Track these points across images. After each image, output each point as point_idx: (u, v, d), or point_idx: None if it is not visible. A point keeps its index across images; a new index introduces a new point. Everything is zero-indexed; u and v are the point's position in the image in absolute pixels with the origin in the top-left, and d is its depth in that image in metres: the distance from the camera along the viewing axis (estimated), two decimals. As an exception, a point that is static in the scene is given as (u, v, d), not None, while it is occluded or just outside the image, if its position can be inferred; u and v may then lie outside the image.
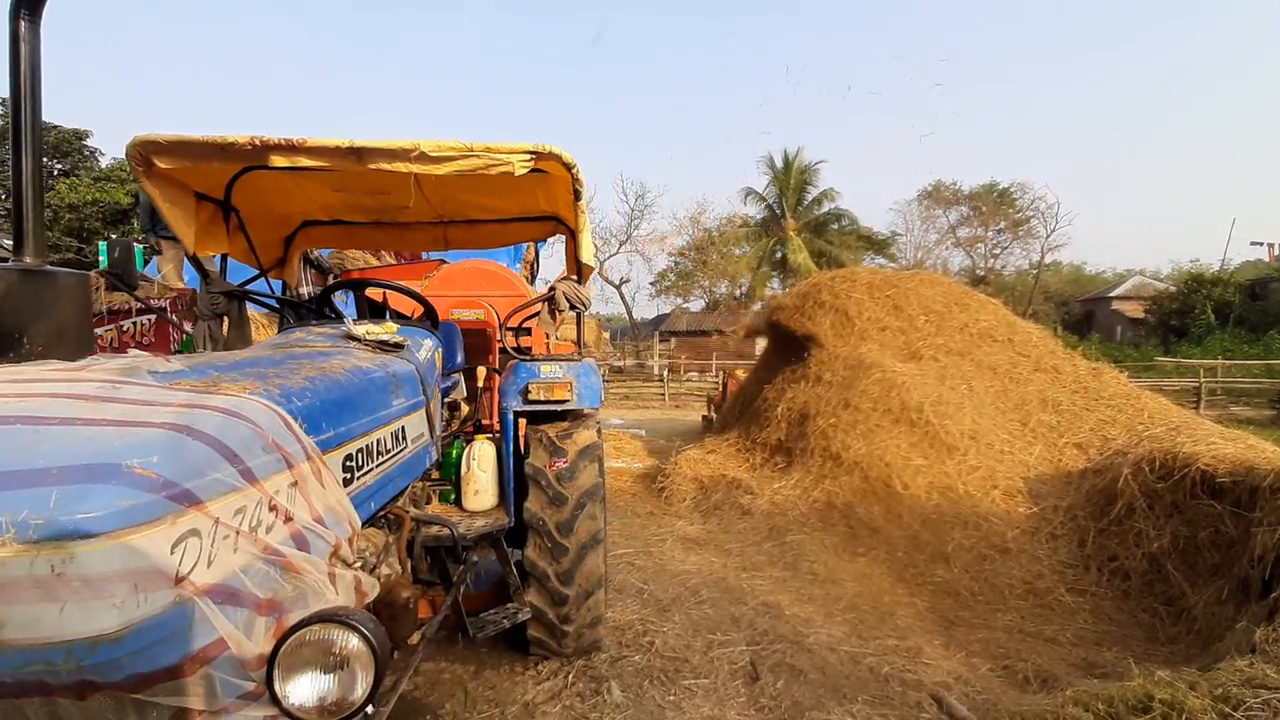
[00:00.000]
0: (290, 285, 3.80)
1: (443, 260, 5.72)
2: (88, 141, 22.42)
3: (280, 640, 1.11)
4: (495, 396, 3.61)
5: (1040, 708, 2.77)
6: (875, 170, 79.70)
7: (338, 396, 1.61)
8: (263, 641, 1.11)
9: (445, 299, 4.54)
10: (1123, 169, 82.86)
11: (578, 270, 3.22)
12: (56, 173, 22.00)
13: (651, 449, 9.59)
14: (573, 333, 3.76)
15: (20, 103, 2.12)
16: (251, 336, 3.18)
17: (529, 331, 4.37)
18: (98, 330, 5.70)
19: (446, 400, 3.29)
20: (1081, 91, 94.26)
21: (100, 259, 6.81)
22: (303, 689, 1.13)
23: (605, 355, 30.48)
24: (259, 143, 2.29)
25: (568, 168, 2.61)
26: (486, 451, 2.98)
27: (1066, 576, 4.50)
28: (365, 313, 2.93)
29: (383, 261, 6.26)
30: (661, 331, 33.13)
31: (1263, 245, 28.14)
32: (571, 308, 3.22)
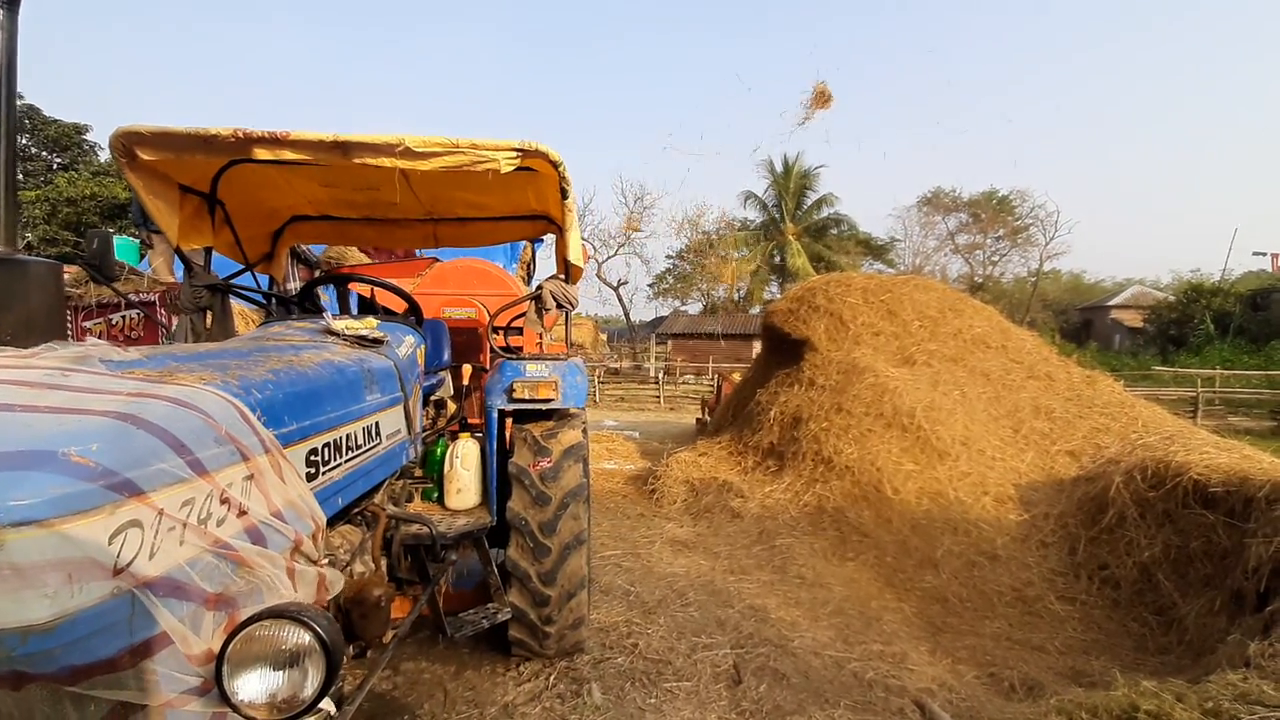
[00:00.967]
0: (277, 280, 3.77)
1: (436, 259, 5.71)
2: (87, 136, 22.39)
3: (230, 635, 1.09)
4: (483, 395, 3.59)
5: (1024, 716, 2.75)
6: (875, 175, 79.90)
7: (303, 389, 1.59)
8: (211, 636, 1.09)
9: (437, 297, 4.52)
10: (1125, 178, 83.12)
11: (565, 269, 3.21)
12: (55, 166, 21.98)
13: (644, 451, 9.57)
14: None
15: None
16: (234, 331, 3.15)
17: (520, 331, 4.35)
18: (86, 324, 5.70)
19: (432, 398, 3.26)
20: (1084, 99, 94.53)
21: None
22: (252, 685, 1.10)
23: (603, 357, 30.45)
24: (242, 135, 2.26)
25: (554, 165, 2.60)
26: (470, 450, 2.96)
27: (1056, 584, 4.47)
28: (353, 309, 2.91)
29: (376, 259, 6.25)
30: (659, 334, 33.06)
31: (1265, 255, 27.83)
32: (559, 306, 3.20)
